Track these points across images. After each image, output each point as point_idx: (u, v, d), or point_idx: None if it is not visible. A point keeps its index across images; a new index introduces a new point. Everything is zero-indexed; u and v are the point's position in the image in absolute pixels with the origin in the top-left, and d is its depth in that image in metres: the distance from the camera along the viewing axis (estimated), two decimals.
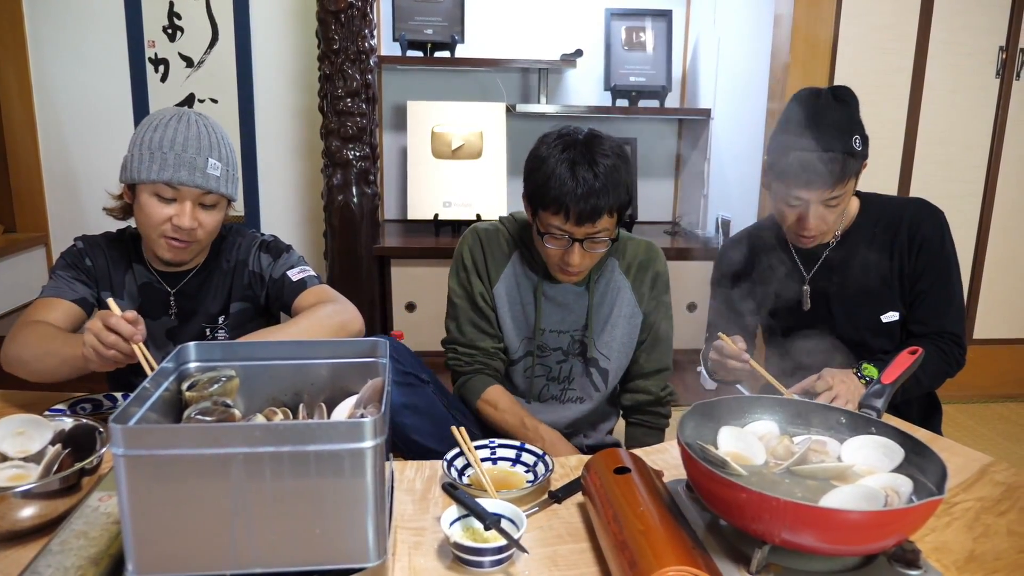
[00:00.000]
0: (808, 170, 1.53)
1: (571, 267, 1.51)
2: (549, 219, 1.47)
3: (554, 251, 1.51)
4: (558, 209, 1.44)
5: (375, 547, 0.83)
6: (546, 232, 1.49)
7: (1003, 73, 3.05)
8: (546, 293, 1.64)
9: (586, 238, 1.47)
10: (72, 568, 0.85)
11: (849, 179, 1.56)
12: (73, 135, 3.51)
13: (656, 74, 3.72)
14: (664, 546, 0.86)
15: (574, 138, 1.48)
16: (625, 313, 1.66)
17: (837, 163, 1.52)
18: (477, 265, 1.66)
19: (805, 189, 1.56)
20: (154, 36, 3.44)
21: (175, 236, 1.51)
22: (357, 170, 3.10)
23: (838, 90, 1.59)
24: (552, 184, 1.43)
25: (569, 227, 1.45)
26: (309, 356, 1.09)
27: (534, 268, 1.64)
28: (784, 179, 1.58)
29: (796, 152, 1.54)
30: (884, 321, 1.71)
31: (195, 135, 1.48)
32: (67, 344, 1.40)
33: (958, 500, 1.15)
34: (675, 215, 4.03)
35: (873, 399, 1.16)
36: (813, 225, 1.60)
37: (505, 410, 1.60)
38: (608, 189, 1.43)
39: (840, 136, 1.53)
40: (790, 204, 1.61)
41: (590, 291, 1.64)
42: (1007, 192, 3.19)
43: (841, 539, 0.85)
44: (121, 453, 0.77)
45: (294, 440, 0.79)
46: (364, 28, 3.02)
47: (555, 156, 1.45)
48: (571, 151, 1.45)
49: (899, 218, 1.69)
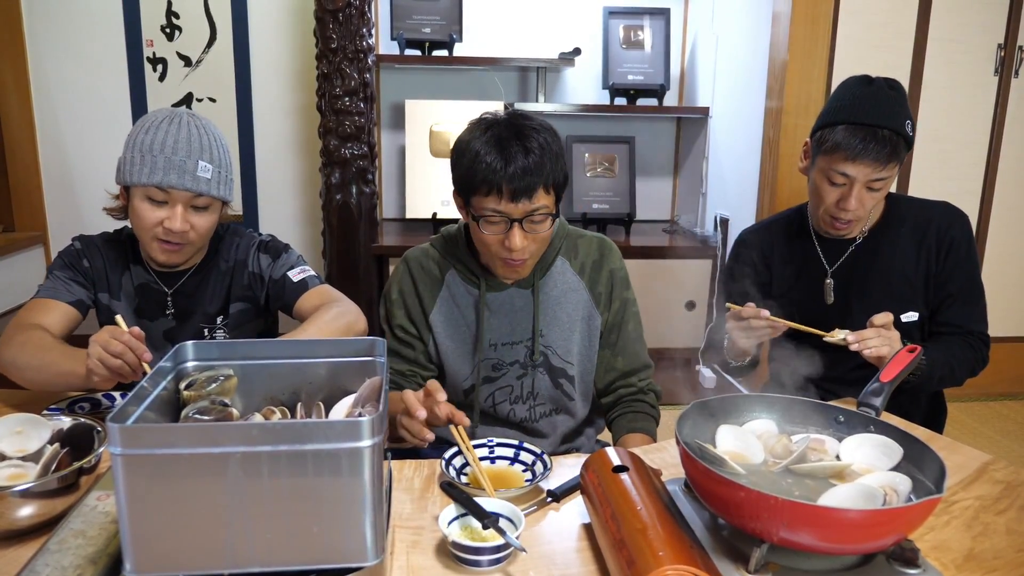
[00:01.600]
0: (860, 143, 1.53)
1: (514, 253, 1.39)
2: (482, 203, 1.36)
3: (493, 237, 1.39)
4: (490, 189, 1.34)
5: (373, 546, 0.83)
6: (481, 217, 1.37)
7: (1001, 71, 3.05)
8: (488, 305, 1.52)
9: (524, 217, 1.36)
10: (70, 567, 0.84)
11: (897, 163, 1.56)
12: (71, 134, 3.51)
13: (654, 72, 3.72)
14: (662, 545, 0.86)
15: (496, 118, 1.40)
16: (582, 315, 1.55)
17: (889, 141, 1.52)
18: (405, 298, 1.56)
19: (853, 164, 1.55)
20: (152, 35, 3.44)
21: (167, 239, 1.51)
22: (355, 169, 3.10)
23: (890, 79, 1.60)
24: (479, 164, 1.34)
25: (504, 207, 1.34)
26: (307, 355, 1.08)
27: (472, 282, 1.53)
28: (833, 153, 1.57)
29: (848, 125, 1.54)
30: (903, 321, 1.70)
31: (185, 137, 1.47)
32: (65, 357, 1.38)
33: (957, 499, 1.15)
34: (673, 214, 4.03)
35: (872, 397, 1.16)
36: (854, 206, 1.58)
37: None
38: (542, 161, 1.34)
39: (894, 116, 1.53)
40: (834, 182, 1.60)
41: (535, 293, 1.52)
42: (1005, 190, 3.20)
43: (839, 538, 0.85)
44: (119, 452, 0.77)
45: (291, 439, 0.79)
46: (362, 27, 3.01)
47: (479, 138, 1.37)
48: (495, 129, 1.37)
49: (927, 220, 1.69)
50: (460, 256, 1.54)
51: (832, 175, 1.59)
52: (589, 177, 3.75)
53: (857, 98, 1.57)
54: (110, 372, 1.27)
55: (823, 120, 1.63)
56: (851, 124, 1.55)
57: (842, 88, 1.64)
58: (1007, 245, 3.27)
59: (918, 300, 1.71)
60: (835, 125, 1.58)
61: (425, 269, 1.56)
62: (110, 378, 1.28)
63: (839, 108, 1.59)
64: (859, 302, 1.72)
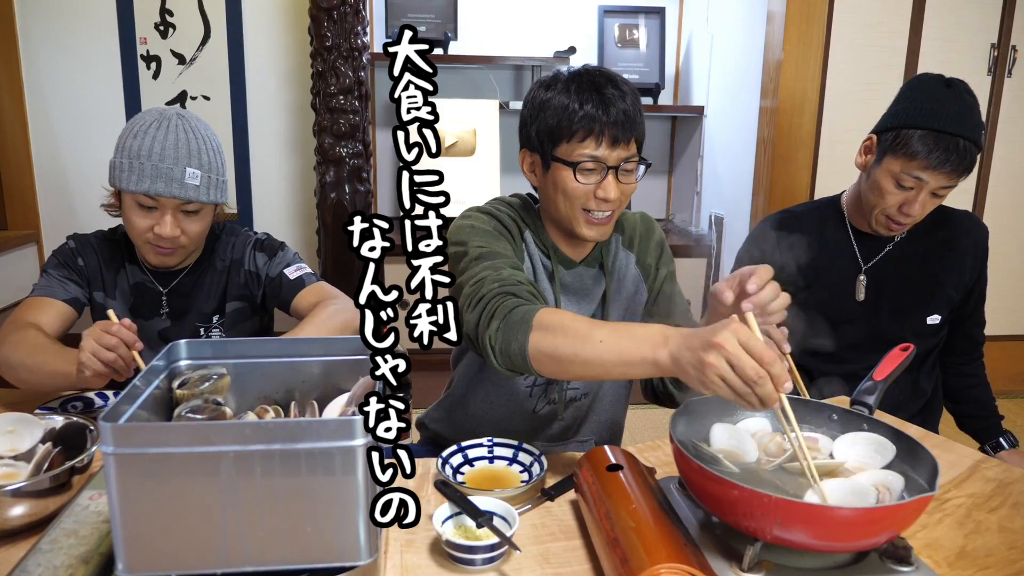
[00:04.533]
0: (942, 152, 1.48)
1: (608, 204, 1.30)
2: (578, 149, 1.27)
3: (586, 188, 1.29)
4: (588, 133, 1.26)
5: (366, 545, 0.83)
6: (577, 164, 1.28)
7: (995, 70, 3.06)
8: (562, 281, 1.42)
9: (619, 165, 1.29)
10: (62, 567, 0.84)
11: (972, 171, 1.53)
12: (65, 133, 3.49)
13: (649, 71, 3.73)
14: (656, 543, 0.86)
15: (578, 70, 1.32)
16: (631, 291, 1.49)
17: (968, 153, 1.48)
18: (502, 234, 1.37)
19: (930, 170, 1.50)
20: (146, 33, 3.43)
21: (158, 243, 1.51)
22: (350, 167, 3.09)
23: (965, 83, 1.55)
24: (574, 110, 1.26)
25: (603, 152, 1.27)
26: (301, 354, 1.08)
27: (545, 252, 1.42)
28: (911, 158, 1.51)
29: (930, 132, 1.49)
30: (928, 323, 1.71)
31: (173, 143, 1.45)
32: (59, 357, 1.38)
33: (949, 496, 1.15)
34: (668, 213, 4.03)
35: (865, 396, 1.16)
36: (918, 212, 1.56)
37: (568, 324, 1.10)
38: (637, 107, 1.29)
39: (975, 127, 1.49)
40: (902, 184, 1.55)
41: (607, 272, 1.45)
42: (999, 189, 3.20)
43: (833, 536, 0.85)
44: (111, 451, 0.77)
45: (284, 438, 0.79)
46: (357, 25, 3.01)
47: (566, 88, 1.29)
48: (585, 77, 1.30)
49: (964, 229, 1.72)
50: (530, 222, 1.42)
51: (903, 179, 1.54)
52: None
53: (938, 102, 1.51)
54: (104, 365, 1.27)
55: (897, 120, 1.56)
56: (932, 131, 1.49)
57: (918, 88, 1.57)
58: (1000, 244, 3.25)
59: (943, 305, 1.72)
60: (912, 128, 1.51)
61: (506, 219, 1.39)
62: (103, 373, 1.28)
63: (918, 111, 1.52)
64: (889, 302, 1.71)
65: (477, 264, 1.27)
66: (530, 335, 1.11)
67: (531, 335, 1.11)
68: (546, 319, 1.11)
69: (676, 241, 3.52)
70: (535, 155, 1.36)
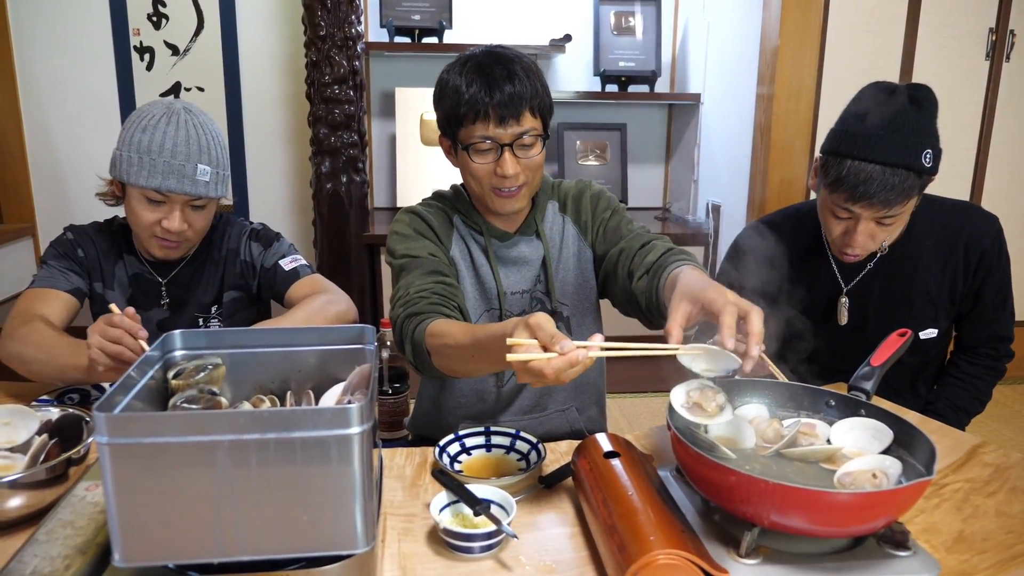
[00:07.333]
0: (864, 183, 1.37)
1: (507, 180, 1.35)
2: (471, 132, 1.33)
3: (484, 167, 1.35)
4: (476, 115, 1.31)
5: (363, 533, 0.83)
6: (470, 146, 1.34)
7: (993, 55, 3.05)
8: (498, 254, 1.47)
9: (514, 141, 1.33)
10: (59, 557, 0.84)
11: (911, 199, 1.40)
12: (59, 125, 3.47)
13: (646, 59, 3.71)
14: (654, 530, 0.86)
15: (473, 53, 1.38)
16: (573, 252, 1.50)
17: (899, 181, 1.36)
18: (422, 232, 1.45)
19: (857, 204, 1.40)
20: (139, 24, 3.41)
21: (165, 237, 1.50)
22: (345, 158, 3.08)
23: (917, 91, 1.42)
24: (464, 93, 1.32)
25: (493, 131, 1.32)
26: (296, 343, 1.08)
27: (477, 230, 1.47)
28: (835, 189, 1.42)
29: (853, 161, 1.38)
30: (922, 338, 1.61)
31: (184, 140, 1.45)
32: (70, 350, 1.37)
33: (947, 481, 1.15)
34: (665, 201, 4.03)
35: (863, 381, 1.16)
36: (860, 243, 1.46)
37: (454, 333, 1.20)
38: (524, 81, 1.32)
39: (908, 150, 1.36)
40: (837, 216, 1.47)
41: (543, 238, 1.48)
42: (997, 174, 3.20)
43: (830, 521, 0.85)
44: (106, 441, 0.76)
45: (280, 427, 0.79)
46: (351, 14, 2.99)
47: (459, 73, 1.35)
48: (474, 60, 1.35)
49: (956, 231, 1.57)
50: (460, 207, 1.49)
51: (837, 210, 1.46)
52: (580, 164, 3.75)
53: (869, 126, 1.39)
54: (111, 359, 1.26)
55: (831, 144, 1.45)
56: (856, 159, 1.38)
57: (856, 104, 1.45)
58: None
59: (940, 317, 1.62)
60: (835, 156, 1.42)
61: (434, 210, 1.50)
62: (113, 367, 1.27)
63: (848, 136, 1.41)
64: (876, 322, 1.61)
65: (401, 278, 1.38)
66: (432, 357, 1.24)
67: (432, 357, 1.24)
68: (433, 342, 1.22)
69: (673, 230, 3.51)
70: (447, 140, 1.42)
